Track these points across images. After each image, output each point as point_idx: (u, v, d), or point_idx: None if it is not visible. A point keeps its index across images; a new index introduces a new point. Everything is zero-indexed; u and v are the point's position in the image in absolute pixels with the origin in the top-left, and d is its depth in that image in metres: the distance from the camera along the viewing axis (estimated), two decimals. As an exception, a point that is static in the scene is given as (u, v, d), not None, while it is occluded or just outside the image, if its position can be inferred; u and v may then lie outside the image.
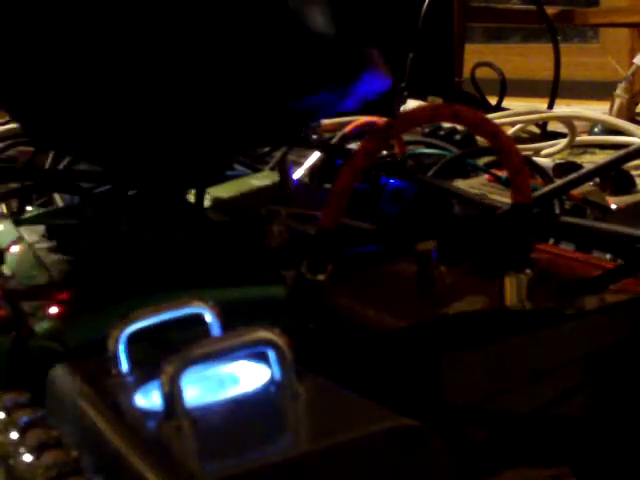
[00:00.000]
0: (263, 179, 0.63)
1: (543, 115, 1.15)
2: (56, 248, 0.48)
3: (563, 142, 1.05)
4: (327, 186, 0.68)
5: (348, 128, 0.80)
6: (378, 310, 0.36)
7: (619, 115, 1.25)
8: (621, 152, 0.52)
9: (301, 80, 0.44)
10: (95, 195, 0.60)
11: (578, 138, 1.06)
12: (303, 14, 0.44)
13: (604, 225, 0.44)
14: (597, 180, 0.73)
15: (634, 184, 0.78)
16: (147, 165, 0.48)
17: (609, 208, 0.65)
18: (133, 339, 0.32)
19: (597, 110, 1.26)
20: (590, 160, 1.02)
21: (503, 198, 0.56)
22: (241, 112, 0.45)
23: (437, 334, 0.34)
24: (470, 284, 0.38)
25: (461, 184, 0.67)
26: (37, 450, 0.29)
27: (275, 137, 0.56)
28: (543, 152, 1.06)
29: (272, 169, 0.72)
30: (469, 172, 0.73)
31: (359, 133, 0.80)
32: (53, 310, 0.41)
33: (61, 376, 0.33)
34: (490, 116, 1.02)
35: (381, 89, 0.52)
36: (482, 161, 0.75)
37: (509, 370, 0.32)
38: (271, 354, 0.29)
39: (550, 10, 1.52)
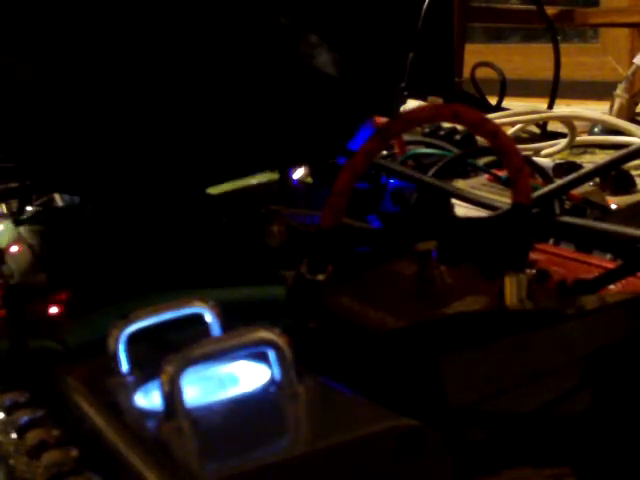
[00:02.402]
0: (262, 178, 0.63)
1: (543, 115, 1.15)
2: (56, 248, 0.48)
3: (563, 142, 1.05)
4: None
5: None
6: (378, 310, 0.36)
7: (619, 115, 1.24)
8: (621, 152, 0.52)
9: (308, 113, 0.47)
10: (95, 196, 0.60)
11: (578, 138, 1.06)
12: (309, 56, 0.47)
13: (604, 225, 0.44)
14: (597, 180, 0.73)
15: (634, 184, 0.78)
16: (149, 167, 0.49)
17: (609, 208, 0.65)
18: (133, 339, 0.32)
19: (597, 110, 1.26)
20: (590, 160, 1.02)
21: (503, 198, 0.56)
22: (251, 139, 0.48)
23: (437, 334, 0.34)
24: (470, 284, 0.38)
25: (461, 184, 0.67)
26: (37, 450, 0.29)
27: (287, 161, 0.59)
28: (543, 152, 1.05)
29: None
30: (469, 172, 0.73)
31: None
32: (53, 310, 0.41)
33: (61, 376, 0.33)
34: (490, 116, 1.02)
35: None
36: (482, 161, 0.75)
37: (509, 370, 0.32)
38: (271, 354, 0.29)
39: (550, 10, 1.52)
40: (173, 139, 0.46)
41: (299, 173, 0.71)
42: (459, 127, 0.91)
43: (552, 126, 1.20)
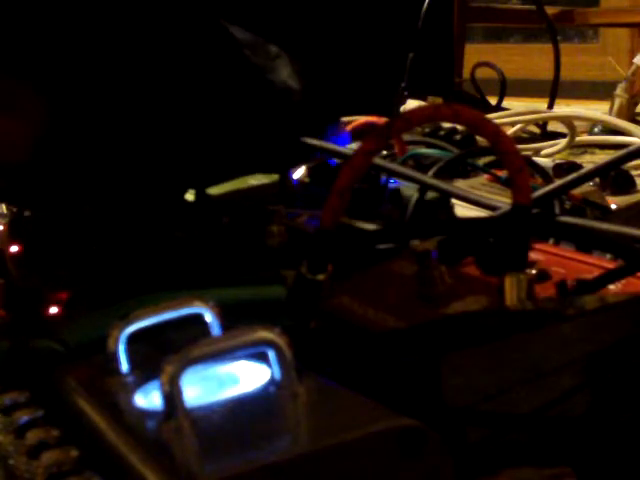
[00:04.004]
0: (262, 179, 0.63)
1: (543, 115, 1.15)
2: (55, 248, 0.48)
3: (563, 142, 1.05)
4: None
5: (348, 128, 0.80)
6: (378, 310, 0.36)
7: (619, 115, 1.25)
8: (621, 152, 0.52)
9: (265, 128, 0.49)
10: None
11: (578, 138, 1.06)
12: (267, 69, 0.48)
13: (604, 225, 0.44)
14: (597, 180, 0.73)
15: (634, 184, 0.78)
16: (148, 167, 0.49)
17: (609, 208, 0.65)
18: (133, 339, 0.32)
19: (597, 110, 1.26)
20: (590, 160, 1.02)
21: (503, 198, 0.56)
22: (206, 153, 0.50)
23: (437, 334, 0.34)
24: (470, 284, 0.38)
25: (461, 184, 0.67)
26: (37, 450, 0.29)
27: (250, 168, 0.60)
28: (543, 152, 1.06)
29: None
30: (469, 172, 0.73)
31: (359, 133, 0.80)
32: (53, 310, 0.41)
33: (61, 376, 0.33)
34: (490, 116, 1.02)
35: (343, 142, 0.57)
36: (482, 161, 0.75)
37: (509, 370, 0.32)
38: (271, 354, 0.29)
39: (550, 10, 1.52)
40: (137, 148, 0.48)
41: (299, 173, 0.71)
42: (459, 127, 0.91)
43: (552, 126, 1.20)
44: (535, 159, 0.80)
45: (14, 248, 0.49)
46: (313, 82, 0.50)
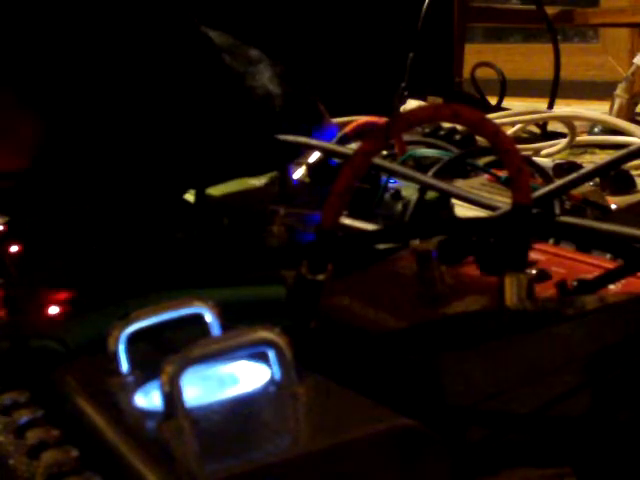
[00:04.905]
0: (262, 179, 0.63)
1: (543, 115, 1.15)
2: (56, 247, 0.48)
3: (563, 142, 1.05)
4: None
5: (348, 128, 0.80)
6: (378, 310, 0.36)
7: (619, 115, 1.25)
8: (621, 152, 0.52)
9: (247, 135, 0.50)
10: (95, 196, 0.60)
11: (578, 138, 1.06)
12: (247, 74, 0.48)
13: (604, 225, 0.44)
14: (597, 180, 0.73)
15: (634, 184, 0.78)
16: (148, 167, 0.49)
17: (609, 208, 0.65)
18: (133, 339, 0.32)
19: (597, 110, 1.26)
20: (590, 160, 1.02)
21: (503, 198, 0.56)
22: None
23: (437, 334, 0.34)
24: (470, 284, 0.38)
25: (461, 184, 0.67)
26: (37, 450, 0.29)
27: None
28: (543, 152, 1.06)
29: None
30: (469, 172, 0.73)
31: (359, 133, 0.80)
32: (53, 310, 0.41)
33: (61, 376, 0.33)
34: (490, 116, 1.02)
35: (330, 137, 0.57)
36: (482, 161, 0.75)
37: (509, 370, 0.32)
38: (271, 354, 0.29)
39: (550, 10, 1.52)
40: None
41: (299, 173, 0.71)
42: (459, 127, 0.91)
43: (552, 126, 1.20)
44: (535, 159, 0.80)
45: (14, 248, 0.49)
46: (302, 84, 0.50)
